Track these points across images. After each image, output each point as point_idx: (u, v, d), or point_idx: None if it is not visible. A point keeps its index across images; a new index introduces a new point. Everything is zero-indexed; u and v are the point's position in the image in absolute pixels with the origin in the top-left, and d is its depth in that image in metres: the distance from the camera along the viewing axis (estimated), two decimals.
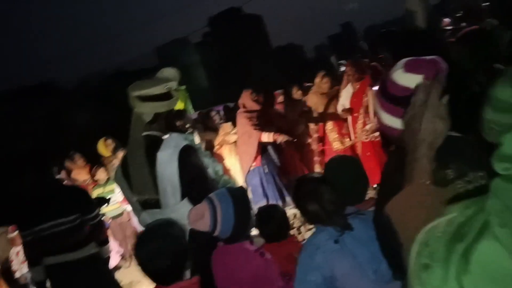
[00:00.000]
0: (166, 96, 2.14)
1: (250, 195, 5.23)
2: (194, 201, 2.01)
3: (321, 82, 5.32)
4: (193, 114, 10.87)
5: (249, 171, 5.05)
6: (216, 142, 5.75)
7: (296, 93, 6.00)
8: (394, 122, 1.27)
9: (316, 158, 5.33)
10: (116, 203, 5.29)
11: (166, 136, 2.15)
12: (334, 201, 1.64)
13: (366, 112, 4.81)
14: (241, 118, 5.14)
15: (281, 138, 4.87)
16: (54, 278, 2.77)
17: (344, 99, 5.00)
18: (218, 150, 5.79)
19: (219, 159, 5.81)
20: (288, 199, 5.05)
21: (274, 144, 4.96)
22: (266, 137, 4.83)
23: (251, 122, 4.97)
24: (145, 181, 2.05)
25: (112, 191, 5.31)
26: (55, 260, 2.73)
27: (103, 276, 2.84)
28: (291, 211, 4.63)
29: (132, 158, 2.12)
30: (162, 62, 21.40)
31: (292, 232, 4.61)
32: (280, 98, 6.33)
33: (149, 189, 2.05)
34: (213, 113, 6.82)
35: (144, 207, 2.17)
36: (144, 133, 2.12)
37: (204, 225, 1.80)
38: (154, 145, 2.08)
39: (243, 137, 5.10)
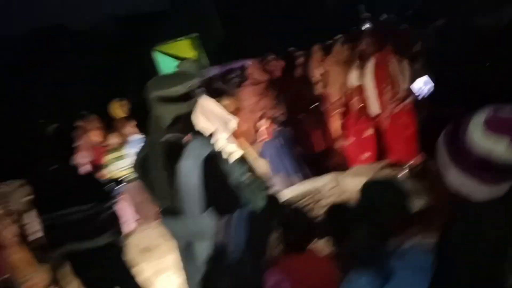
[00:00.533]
0: (188, 96, 1.94)
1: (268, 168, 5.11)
2: (218, 211, 1.94)
3: (341, 49, 4.93)
4: (210, 68, 10.48)
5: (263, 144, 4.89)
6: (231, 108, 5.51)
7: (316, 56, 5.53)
8: (466, 186, 1.09)
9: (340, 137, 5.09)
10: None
11: (187, 139, 1.98)
12: (373, 239, 1.48)
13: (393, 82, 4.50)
14: (250, 90, 4.87)
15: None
16: (72, 265, 2.75)
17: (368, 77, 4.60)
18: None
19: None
20: (306, 171, 4.94)
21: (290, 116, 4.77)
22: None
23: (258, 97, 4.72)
24: (167, 189, 1.92)
25: (128, 155, 5.22)
26: (72, 248, 2.69)
27: (120, 265, 2.81)
28: (303, 187, 4.52)
29: (151, 164, 1.97)
30: (174, 6, 20.52)
31: (310, 206, 4.54)
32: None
33: (171, 197, 1.92)
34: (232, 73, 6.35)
35: (167, 213, 2.07)
36: (164, 138, 1.94)
37: None
38: (175, 152, 1.93)
39: (253, 106, 4.86)
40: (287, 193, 4.45)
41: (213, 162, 1.91)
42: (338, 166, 5.16)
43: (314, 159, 5.24)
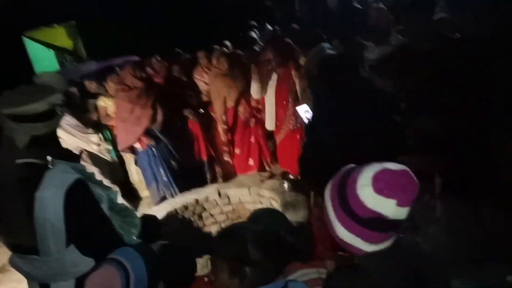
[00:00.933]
0: (48, 115, 1.62)
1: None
2: (84, 247, 1.65)
3: (221, 61, 4.56)
4: (89, 63, 9.53)
5: (138, 153, 4.54)
6: (110, 111, 5.02)
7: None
8: (354, 241, 1.08)
9: (225, 148, 4.92)
10: None
11: (48, 163, 1.65)
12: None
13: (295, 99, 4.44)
14: (120, 97, 4.47)
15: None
16: None
17: (269, 92, 4.43)
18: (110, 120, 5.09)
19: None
20: (185, 182, 4.70)
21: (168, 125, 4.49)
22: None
23: (132, 102, 4.38)
24: (18, 223, 1.58)
25: None
26: None
27: None
28: (183, 199, 4.33)
29: (1, 191, 1.61)
30: None
31: (193, 219, 4.36)
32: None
33: (23, 232, 1.60)
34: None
35: (17, 251, 1.71)
36: (19, 161, 1.59)
37: None
38: (32, 178, 1.58)
39: (126, 115, 4.44)
40: (167, 206, 4.20)
41: (78, 193, 1.61)
42: (223, 176, 5.07)
43: (196, 169, 5.02)
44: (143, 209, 4.97)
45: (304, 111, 2.90)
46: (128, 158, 5.10)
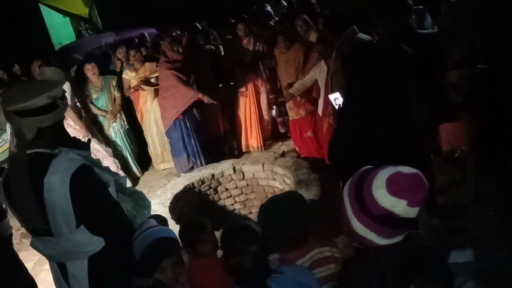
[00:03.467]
0: (50, 107, 1.75)
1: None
2: (93, 228, 1.82)
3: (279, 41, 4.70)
4: (107, 33, 9.56)
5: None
6: (132, 84, 5.19)
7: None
8: (368, 234, 1.23)
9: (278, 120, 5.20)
10: None
11: (55, 151, 1.80)
12: (260, 258, 1.55)
13: None
14: (163, 69, 4.70)
15: (206, 99, 4.64)
16: None
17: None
18: (132, 94, 5.26)
19: (135, 101, 5.34)
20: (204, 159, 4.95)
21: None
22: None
23: (175, 75, 4.57)
24: (31, 209, 1.74)
25: None
26: None
27: (4, 259, 2.51)
28: (208, 171, 4.53)
29: (14, 181, 1.76)
30: None
31: (208, 192, 4.56)
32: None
33: (36, 217, 1.75)
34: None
35: (34, 234, 1.89)
36: (29, 151, 1.75)
37: None
38: (40, 166, 1.74)
39: (170, 90, 4.69)
40: (184, 180, 4.39)
41: (84, 176, 1.76)
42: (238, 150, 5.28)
43: (215, 143, 5.24)
44: (160, 182, 5.23)
45: (334, 98, 2.98)
46: (153, 130, 5.31)
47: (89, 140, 2.13)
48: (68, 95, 3.16)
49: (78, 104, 4.75)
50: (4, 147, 4.61)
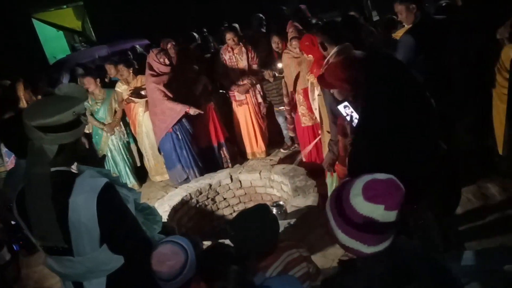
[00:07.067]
0: (74, 124, 1.72)
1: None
2: (115, 245, 1.79)
3: (290, 45, 4.53)
4: (100, 47, 9.52)
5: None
6: (124, 96, 5.16)
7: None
8: (354, 244, 1.24)
9: (289, 126, 5.16)
10: None
11: (74, 169, 1.78)
12: (242, 276, 1.54)
13: None
14: (149, 83, 4.69)
15: (192, 111, 4.67)
16: None
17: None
18: (125, 106, 5.24)
19: (127, 114, 5.32)
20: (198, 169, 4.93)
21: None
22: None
23: (160, 91, 4.58)
24: (50, 228, 1.69)
25: None
26: None
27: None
28: (197, 184, 4.50)
29: (33, 198, 1.71)
30: None
31: (206, 202, 4.53)
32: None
33: (56, 236, 1.70)
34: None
35: (50, 253, 1.84)
36: (52, 169, 1.72)
37: (169, 268, 1.81)
38: (64, 185, 1.70)
39: (157, 104, 4.69)
40: (182, 192, 4.36)
41: (109, 194, 1.74)
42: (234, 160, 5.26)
43: (211, 152, 5.21)
44: (158, 194, 5.20)
45: (344, 106, 2.92)
46: (145, 143, 5.29)
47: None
48: None
49: None
50: None
